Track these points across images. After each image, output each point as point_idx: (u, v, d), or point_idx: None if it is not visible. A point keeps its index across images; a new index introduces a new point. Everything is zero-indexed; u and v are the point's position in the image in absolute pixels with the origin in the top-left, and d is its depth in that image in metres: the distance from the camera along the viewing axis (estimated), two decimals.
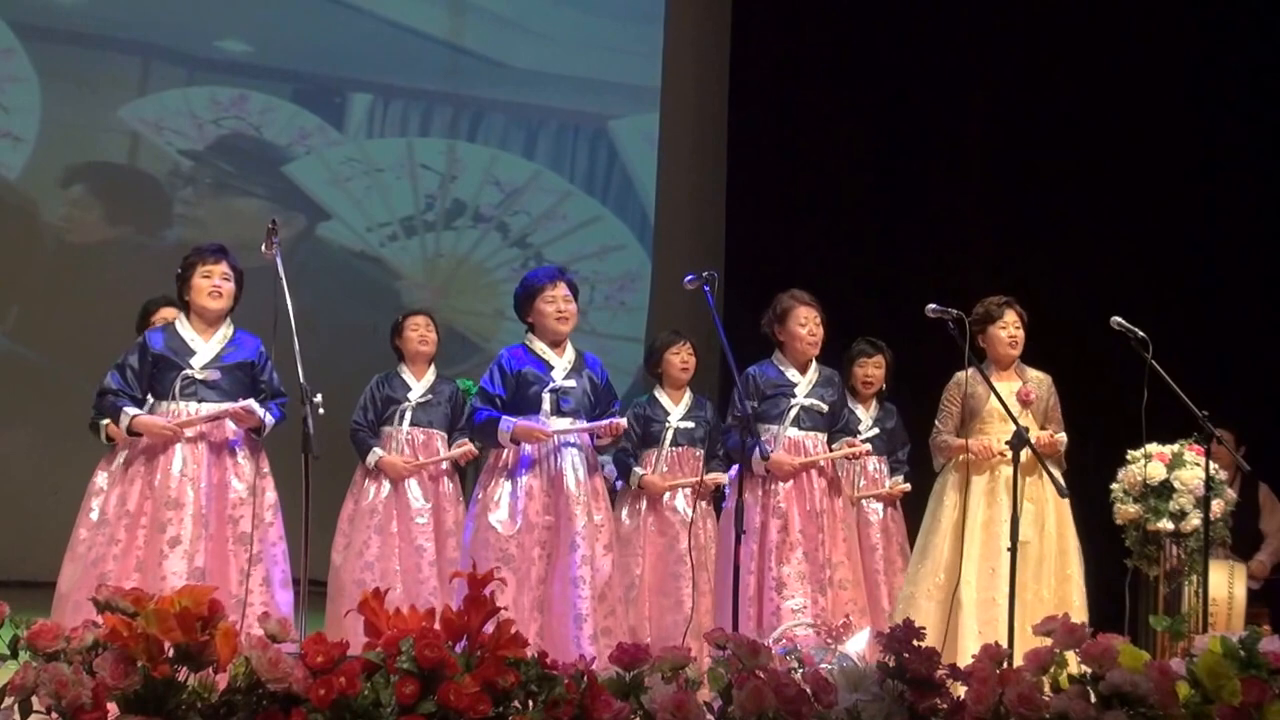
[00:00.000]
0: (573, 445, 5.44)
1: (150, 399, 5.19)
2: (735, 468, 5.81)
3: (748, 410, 5.33)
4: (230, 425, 5.13)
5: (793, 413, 5.76)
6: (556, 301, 5.51)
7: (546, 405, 5.43)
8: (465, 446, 6.37)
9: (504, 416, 5.39)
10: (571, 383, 5.49)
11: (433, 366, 6.60)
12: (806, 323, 5.81)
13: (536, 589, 5.28)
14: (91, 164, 9.53)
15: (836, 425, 5.89)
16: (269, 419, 5.23)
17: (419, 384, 6.49)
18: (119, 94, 9.53)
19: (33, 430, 8.79)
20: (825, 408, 5.82)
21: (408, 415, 6.41)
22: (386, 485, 6.32)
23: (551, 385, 5.46)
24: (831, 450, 5.80)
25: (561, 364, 5.52)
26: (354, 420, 6.42)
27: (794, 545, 5.57)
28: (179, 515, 4.98)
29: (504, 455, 5.45)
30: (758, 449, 5.22)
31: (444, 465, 6.41)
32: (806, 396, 5.80)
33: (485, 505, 5.39)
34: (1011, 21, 9.37)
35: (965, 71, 9.48)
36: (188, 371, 5.13)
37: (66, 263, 9.33)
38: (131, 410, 5.08)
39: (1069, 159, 9.26)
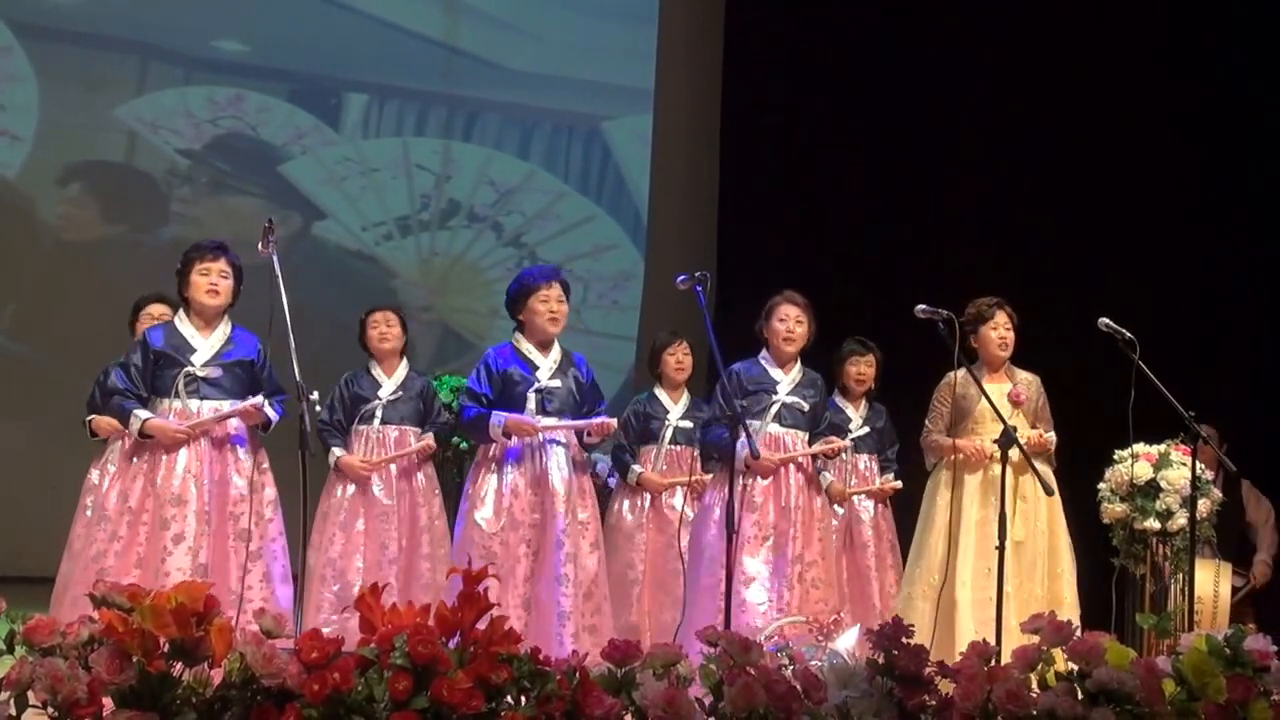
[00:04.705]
0: (559, 443, 5.44)
1: (150, 396, 5.18)
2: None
3: (739, 409, 5.31)
4: (232, 422, 5.13)
5: (774, 409, 5.74)
6: (550, 302, 5.51)
7: (531, 405, 5.45)
8: (425, 440, 6.32)
9: (494, 411, 5.40)
10: (556, 383, 5.50)
11: (405, 362, 6.51)
12: (786, 319, 5.79)
13: (522, 587, 5.28)
14: (88, 163, 9.54)
15: (818, 427, 5.86)
16: (274, 416, 5.25)
17: (389, 381, 6.40)
18: (116, 93, 9.54)
19: (29, 427, 8.80)
20: (806, 407, 5.79)
21: (378, 413, 6.33)
22: (352, 483, 6.26)
23: (536, 385, 5.47)
24: (811, 447, 5.80)
25: (547, 364, 5.53)
26: (319, 419, 6.27)
27: (763, 539, 5.56)
28: (182, 512, 4.98)
29: (490, 451, 5.45)
30: (749, 447, 5.21)
31: (415, 459, 6.34)
32: (788, 395, 5.77)
33: (473, 503, 5.40)
34: (1004, 23, 9.40)
35: (957, 72, 9.50)
36: (189, 369, 5.12)
37: (63, 261, 9.34)
38: (143, 414, 5.06)
39: (1059, 160, 9.28)
